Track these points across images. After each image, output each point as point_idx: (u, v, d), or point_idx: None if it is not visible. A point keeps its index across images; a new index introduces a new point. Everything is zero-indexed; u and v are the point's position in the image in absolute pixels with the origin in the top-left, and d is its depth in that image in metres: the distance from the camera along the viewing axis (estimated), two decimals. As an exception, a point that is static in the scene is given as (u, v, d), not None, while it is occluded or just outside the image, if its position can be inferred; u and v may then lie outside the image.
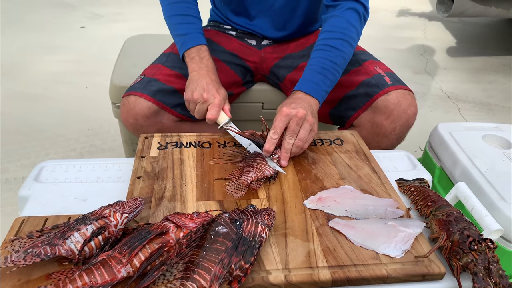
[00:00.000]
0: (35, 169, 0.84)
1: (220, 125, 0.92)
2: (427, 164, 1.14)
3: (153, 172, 0.79)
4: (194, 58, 1.01)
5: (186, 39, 1.03)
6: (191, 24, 1.05)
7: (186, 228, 0.60)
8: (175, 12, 1.06)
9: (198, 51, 1.02)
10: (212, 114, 0.92)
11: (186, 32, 1.04)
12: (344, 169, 0.83)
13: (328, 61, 0.94)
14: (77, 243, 0.57)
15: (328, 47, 0.95)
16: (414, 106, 1.03)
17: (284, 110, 0.84)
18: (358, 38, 1.01)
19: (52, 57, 2.58)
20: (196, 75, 0.97)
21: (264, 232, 0.61)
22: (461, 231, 0.62)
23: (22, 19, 3.19)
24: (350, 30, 0.97)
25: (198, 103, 0.94)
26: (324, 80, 0.93)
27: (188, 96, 0.96)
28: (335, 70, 0.95)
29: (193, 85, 0.95)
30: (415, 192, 0.77)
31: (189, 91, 0.96)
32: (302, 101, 0.88)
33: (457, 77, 2.59)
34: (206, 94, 0.93)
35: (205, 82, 0.95)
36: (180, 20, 1.05)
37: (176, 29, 1.06)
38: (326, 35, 0.97)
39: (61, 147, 1.74)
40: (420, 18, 3.68)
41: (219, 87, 0.97)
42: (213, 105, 0.92)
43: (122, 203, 0.64)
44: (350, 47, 0.98)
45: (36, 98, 2.12)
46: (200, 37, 1.04)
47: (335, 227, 0.67)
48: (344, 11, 0.98)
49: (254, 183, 0.75)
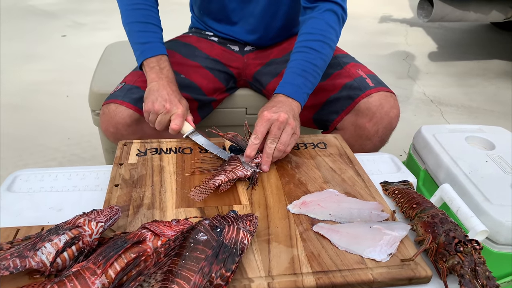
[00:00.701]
0: (8, 179, 0.81)
1: (185, 134, 0.90)
2: (412, 166, 1.13)
3: (131, 180, 0.77)
4: (153, 68, 0.97)
5: (145, 48, 0.99)
6: (152, 33, 1.02)
7: (164, 236, 0.57)
8: (135, 19, 1.02)
9: (158, 61, 0.98)
10: (176, 124, 0.89)
11: (146, 41, 1.00)
12: (328, 172, 0.82)
13: (308, 63, 0.93)
14: (49, 255, 0.54)
15: (308, 49, 0.94)
16: (397, 108, 1.03)
17: (265, 115, 0.83)
18: (337, 40, 1.00)
19: (32, 66, 2.53)
20: (156, 85, 0.94)
21: (246, 238, 0.59)
22: (446, 233, 0.61)
23: (1, 28, 3.13)
24: (329, 32, 0.97)
25: (159, 113, 0.90)
26: (305, 83, 0.92)
27: (148, 107, 0.92)
28: (316, 72, 0.94)
29: (153, 95, 0.92)
30: (399, 195, 0.76)
31: (149, 101, 0.92)
32: (284, 105, 0.86)
33: (440, 81, 2.62)
34: (168, 105, 0.90)
35: (166, 93, 0.92)
36: (140, 27, 1.01)
37: (136, 37, 1.02)
38: (305, 37, 0.96)
39: (40, 157, 1.69)
40: (402, 24, 3.73)
41: (180, 98, 0.94)
42: (176, 115, 0.89)
43: (98, 212, 0.62)
44: (330, 49, 0.97)
45: (15, 108, 2.07)
46: (161, 46, 1.01)
47: (319, 231, 0.66)
48: (322, 12, 0.97)
49: (223, 185, 0.73)
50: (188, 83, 1.09)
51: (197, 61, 1.14)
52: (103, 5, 3.72)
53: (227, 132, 0.87)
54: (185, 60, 1.13)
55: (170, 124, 0.90)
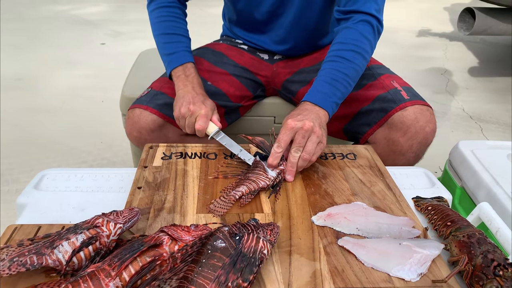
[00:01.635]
0: (36, 177, 0.82)
1: (210, 135, 0.90)
2: (448, 183, 1.07)
3: (155, 183, 0.76)
4: (180, 76, 0.99)
5: (172, 58, 1.02)
6: (178, 43, 1.04)
7: (182, 241, 0.56)
8: (163, 30, 1.05)
9: (184, 69, 1.00)
10: (200, 125, 0.89)
11: (171, 52, 1.02)
12: (357, 184, 0.78)
13: (339, 73, 0.90)
14: (66, 253, 0.54)
15: (340, 58, 0.91)
16: (433, 122, 0.98)
17: (289, 123, 0.80)
18: (371, 51, 0.96)
19: (71, 72, 2.62)
20: (182, 92, 0.95)
21: (265, 248, 0.56)
22: (484, 255, 0.56)
23: (44, 36, 3.27)
24: (363, 42, 0.93)
25: (186, 117, 0.91)
26: (335, 92, 0.89)
27: (176, 113, 0.94)
28: (347, 82, 0.90)
29: (179, 101, 0.93)
30: (433, 211, 0.71)
31: (176, 108, 0.94)
32: (310, 112, 0.83)
33: (480, 97, 2.51)
34: (192, 107, 0.91)
35: (191, 96, 0.93)
36: (167, 39, 1.04)
37: (163, 48, 1.04)
38: (338, 46, 0.93)
39: (73, 160, 1.73)
40: (441, 39, 3.62)
41: (205, 99, 0.94)
42: (200, 116, 0.90)
43: (117, 213, 0.61)
44: (363, 59, 0.93)
45: (53, 111, 2.14)
46: (187, 55, 1.03)
47: (344, 245, 0.62)
48: (356, 23, 0.94)
49: (244, 197, 0.71)
50: (214, 90, 1.09)
51: (225, 69, 1.14)
52: (141, 15, 3.82)
53: (255, 137, 0.85)
54: (213, 67, 1.13)
55: (195, 125, 0.90)
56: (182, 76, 0.99)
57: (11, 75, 2.53)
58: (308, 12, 1.08)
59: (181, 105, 0.92)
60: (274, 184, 0.76)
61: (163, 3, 1.07)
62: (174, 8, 1.07)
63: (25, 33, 3.30)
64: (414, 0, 4.73)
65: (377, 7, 0.96)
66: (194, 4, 4.38)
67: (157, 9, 1.07)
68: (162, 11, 1.06)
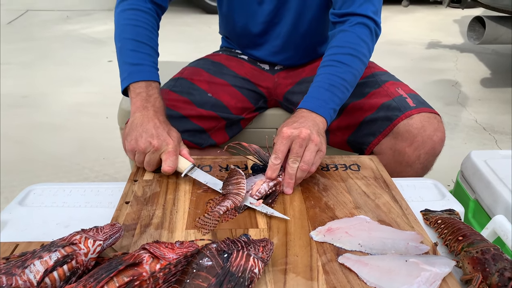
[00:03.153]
0: (22, 193, 0.79)
1: (184, 172, 0.76)
2: (460, 196, 1.01)
3: (144, 197, 0.71)
4: (140, 94, 0.83)
5: (136, 70, 0.86)
6: (147, 55, 0.88)
7: (164, 260, 0.51)
8: (130, 35, 0.89)
9: (147, 86, 0.84)
10: (169, 165, 0.75)
11: (138, 62, 0.87)
12: (360, 197, 0.73)
13: (336, 77, 0.85)
14: (37, 273, 0.49)
15: (336, 62, 0.87)
16: (441, 131, 0.92)
17: (284, 131, 0.74)
18: (369, 55, 0.92)
19: (77, 89, 2.63)
20: (140, 117, 0.79)
21: (256, 267, 0.51)
22: (500, 272, 0.50)
23: (53, 54, 3.30)
24: (360, 45, 0.89)
25: (147, 152, 0.77)
26: (332, 97, 0.84)
27: (132, 146, 0.77)
28: (344, 87, 0.86)
29: (136, 131, 0.78)
30: (443, 225, 0.65)
31: (132, 139, 0.78)
32: (306, 120, 0.78)
33: (492, 108, 2.44)
34: (156, 141, 0.76)
35: (152, 125, 0.78)
36: (136, 46, 0.88)
37: (128, 56, 0.88)
38: (334, 50, 0.89)
39: (75, 176, 1.70)
40: (451, 50, 3.56)
41: (170, 129, 0.80)
42: (168, 154, 0.76)
43: (97, 229, 0.56)
44: (361, 63, 0.89)
45: (57, 127, 2.13)
46: (153, 71, 0.88)
47: (345, 263, 0.57)
48: (353, 26, 0.90)
49: (227, 212, 0.67)
50: (214, 101, 1.05)
51: (225, 79, 1.10)
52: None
53: (251, 144, 0.80)
54: (213, 78, 1.10)
55: (162, 165, 0.76)
56: (143, 94, 0.83)
57: (18, 92, 2.54)
58: (304, 19, 1.04)
59: (138, 136, 0.77)
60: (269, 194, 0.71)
61: (139, 6, 0.92)
62: (150, 17, 0.93)
63: (35, 52, 3.34)
64: (424, 14, 4.70)
65: (374, 9, 0.91)
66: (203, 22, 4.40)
67: (131, 10, 0.92)
68: (136, 15, 0.91)
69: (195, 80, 1.07)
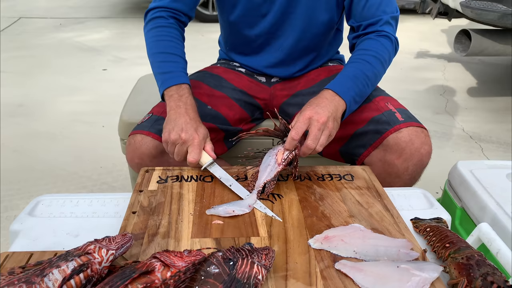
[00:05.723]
0: (31, 203, 0.82)
1: (203, 166, 0.86)
2: (448, 204, 1.06)
3: (149, 207, 0.75)
4: (172, 96, 0.95)
5: (167, 77, 0.98)
6: (175, 63, 1.00)
7: (175, 268, 0.55)
8: (160, 49, 1.02)
9: (177, 89, 0.95)
10: (193, 157, 0.84)
11: (168, 70, 0.99)
12: (354, 206, 0.77)
13: (360, 72, 0.96)
14: (56, 282, 0.53)
15: (362, 60, 0.99)
16: (428, 144, 0.98)
17: (307, 114, 0.85)
18: (389, 63, 1.03)
19: (72, 98, 2.65)
20: (174, 114, 0.91)
21: (260, 273, 0.55)
22: (484, 277, 0.55)
23: (48, 63, 3.32)
24: (384, 51, 1.01)
25: (176, 144, 0.87)
26: (354, 87, 0.95)
27: (165, 137, 0.88)
28: (365, 82, 0.96)
29: (170, 125, 0.89)
30: (431, 233, 0.70)
31: (166, 131, 0.89)
32: (329, 103, 0.89)
33: (479, 117, 2.51)
34: (184, 134, 0.86)
35: (183, 121, 0.88)
36: (164, 58, 1.00)
37: (159, 67, 1.01)
38: (361, 52, 1.01)
39: (72, 185, 1.73)
40: (439, 60, 3.65)
41: (198, 126, 0.89)
42: (192, 147, 0.85)
43: (110, 239, 0.60)
44: (382, 67, 1.00)
45: (53, 137, 2.15)
46: (182, 75, 0.99)
47: (341, 269, 0.61)
48: (378, 36, 1.02)
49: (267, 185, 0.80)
50: (214, 114, 1.09)
51: (224, 92, 1.14)
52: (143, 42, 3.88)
53: (257, 129, 0.88)
54: (213, 91, 1.14)
55: (187, 156, 0.86)
56: (175, 95, 0.94)
57: (13, 101, 2.55)
58: (308, 35, 1.10)
59: (171, 129, 0.87)
60: (291, 161, 0.83)
61: (162, 23, 1.04)
62: (173, 29, 1.04)
63: (29, 61, 3.35)
64: (412, 23, 4.79)
65: (393, 31, 1.05)
66: (196, 30, 4.43)
67: (155, 29, 1.04)
68: (161, 31, 1.04)
69: (196, 93, 1.11)
